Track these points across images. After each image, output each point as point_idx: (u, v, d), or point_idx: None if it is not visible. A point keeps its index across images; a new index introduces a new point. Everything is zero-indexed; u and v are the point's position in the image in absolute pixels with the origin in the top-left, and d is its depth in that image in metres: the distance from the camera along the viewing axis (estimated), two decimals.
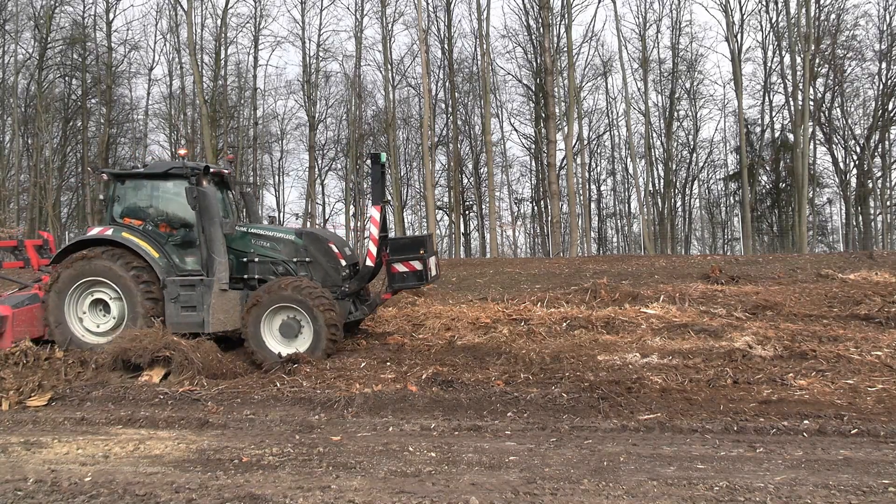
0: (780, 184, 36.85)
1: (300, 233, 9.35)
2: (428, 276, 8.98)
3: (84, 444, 5.58)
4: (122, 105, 39.23)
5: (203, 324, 8.53)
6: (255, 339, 8.36)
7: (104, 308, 8.88)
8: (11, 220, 32.84)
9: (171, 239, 9.05)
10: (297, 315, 8.39)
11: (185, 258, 8.95)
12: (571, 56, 30.01)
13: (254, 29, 36.48)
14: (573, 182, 30.98)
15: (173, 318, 8.56)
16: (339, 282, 9.01)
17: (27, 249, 10.11)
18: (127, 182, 9.30)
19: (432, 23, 34.37)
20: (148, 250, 8.67)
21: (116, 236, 8.73)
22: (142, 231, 8.96)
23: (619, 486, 4.34)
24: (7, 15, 35.16)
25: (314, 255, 9.08)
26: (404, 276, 8.97)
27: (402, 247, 9.14)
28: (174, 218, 9.22)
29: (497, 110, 37.17)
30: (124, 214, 9.21)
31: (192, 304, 8.58)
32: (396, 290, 9.37)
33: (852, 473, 4.47)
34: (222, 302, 8.62)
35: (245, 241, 9.18)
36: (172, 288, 8.60)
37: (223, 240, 8.83)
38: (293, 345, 8.39)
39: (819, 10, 31.26)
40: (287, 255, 9.10)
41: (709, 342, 8.46)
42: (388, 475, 4.66)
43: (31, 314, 8.86)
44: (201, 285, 8.60)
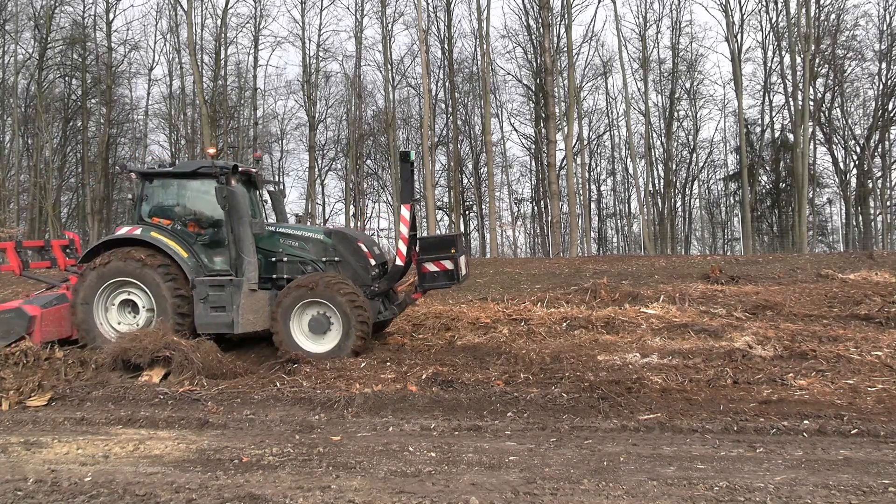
0: (780, 184, 36.88)
1: (329, 232, 9.27)
2: (459, 275, 8.86)
3: (84, 444, 5.58)
4: (122, 105, 39.28)
5: (232, 324, 8.43)
6: (285, 334, 8.30)
7: (132, 309, 8.77)
8: (11, 220, 32.84)
9: (200, 238, 8.96)
10: (326, 311, 8.33)
11: (213, 258, 8.87)
12: (571, 56, 30.03)
13: (254, 29, 36.54)
14: (573, 182, 31.00)
15: (202, 318, 8.49)
16: (368, 281, 8.91)
17: (53, 249, 10.06)
18: (155, 181, 9.23)
19: (432, 23, 34.42)
20: (177, 250, 8.59)
21: (145, 236, 8.65)
22: (170, 230, 8.87)
23: (619, 486, 4.34)
24: (7, 15, 35.18)
25: (343, 254, 9.01)
26: (435, 275, 8.86)
27: (432, 246, 9.04)
28: (203, 217, 9.16)
29: (497, 110, 37.24)
30: (153, 214, 9.13)
31: (222, 305, 8.48)
32: (427, 289, 9.26)
33: (852, 473, 4.47)
34: (252, 302, 8.51)
35: (273, 241, 9.09)
36: (201, 288, 8.51)
37: (252, 239, 8.74)
38: (322, 341, 8.35)
39: (819, 10, 31.32)
40: (316, 255, 9.04)
41: (709, 342, 8.46)
42: (388, 475, 4.66)
43: (59, 314, 8.82)
44: (230, 285, 8.50)
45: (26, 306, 8.74)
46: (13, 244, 9.58)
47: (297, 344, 8.33)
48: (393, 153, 34.54)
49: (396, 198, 35.36)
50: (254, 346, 9.23)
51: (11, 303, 9.36)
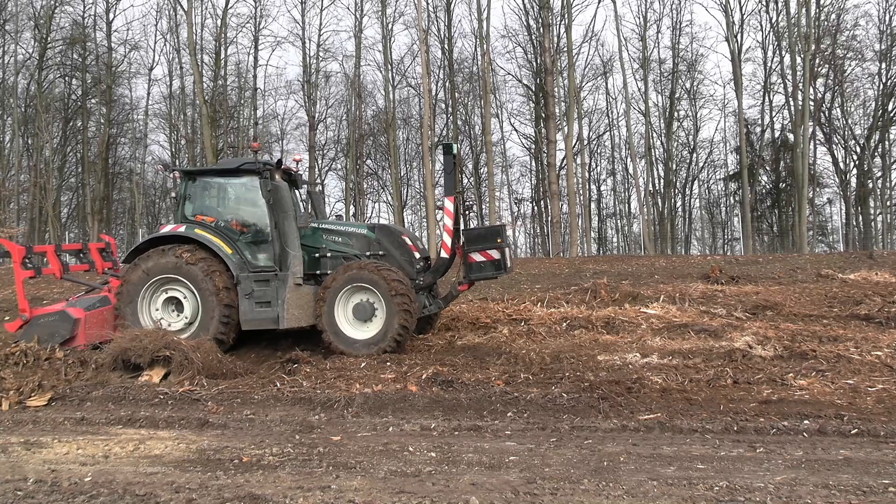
0: (780, 184, 36.88)
1: (373, 226, 9.29)
2: (506, 265, 8.83)
3: (84, 444, 5.57)
4: (122, 105, 39.31)
5: (278, 319, 8.41)
6: (331, 325, 8.31)
7: (177, 306, 8.75)
8: (11, 220, 32.85)
9: (243, 236, 8.97)
10: (371, 297, 8.35)
11: (257, 255, 8.86)
12: (571, 56, 30.03)
13: (254, 29, 36.54)
14: (573, 182, 31.00)
15: (248, 314, 8.47)
16: (413, 275, 8.92)
17: (91, 252, 10.04)
18: (198, 179, 9.24)
19: (432, 23, 34.41)
20: (221, 246, 8.59)
21: (189, 233, 8.67)
22: (214, 228, 8.88)
23: (619, 486, 4.34)
24: (7, 15, 35.20)
25: (387, 248, 9.05)
26: (482, 265, 8.87)
27: (478, 236, 9.03)
28: (246, 214, 9.15)
29: (497, 110, 37.24)
30: (196, 212, 9.14)
31: (267, 300, 8.46)
32: (473, 280, 9.22)
33: (852, 473, 4.47)
34: (297, 297, 8.49)
35: (316, 237, 9.12)
36: (246, 283, 8.49)
37: (297, 234, 8.74)
38: (365, 329, 8.37)
39: (819, 10, 31.30)
40: (360, 249, 9.08)
41: (709, 342, 8.46)
42: (388, 475, 4.66)
43: (102, 317, 8.80)
44: (276, 280, 8.50)
45: (70, 309, 8.71)
46: (53, 248, 9.52)
47: (343, 332, 8.34)
48: (393, 153, 34.55)
49: (396, 197, 35.39)
50: (254, 346, 9.24)
51: (55, 305, 9.33)
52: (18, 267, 8.64)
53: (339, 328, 8.38)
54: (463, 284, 9.22)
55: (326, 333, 8.40)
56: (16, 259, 8.64)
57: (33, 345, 8.38)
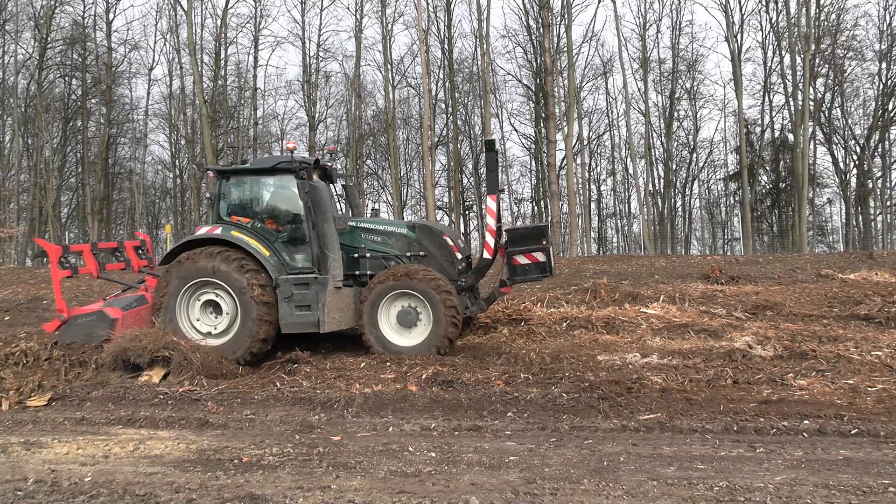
0: (780, 184, 36.87)
1: (413, 226, 9.04)
2: (551, 268, 8.58)
3: (84, 444, 5.57)
4: (122, 105, 39.30)
5: (318, 323, 8.21)
6: (375, 335, 8.16)
7: (214, 309, 8.51)
8: (11, 220, 32.85)
9: (280, 236, 8.75)
10: (414, 303, 8.18)
11: (294, 255, 8.63)
12: (571, 56, 30.05)
13: (254, 29, 36.56)
14: (573, 182, 31.00)
15: (287, 318, 8.26)
16: (454, 276, 8.68)
17: (126, 251, 9.90)
18: (232, 178, 9.01)
19: (432, 23, 34.41)
20: (259, 249, 8.37)
21: (226, 235, 8.43)
22: (250, 229, 8.65)
23: (619, 486, 4.34)
24: (7, 15, 35.20)
25: (428, 248, 8.80)
26: (526, 268, 8.58)
27: (522, 237, 8.73)
28: (282, 214, 8.92)
29: (497, 110, 37.22)
30: (232, 212, 8.90)
31: (307, 304, 8.25)
32: (517, 283, 8.97)
33: (852, 473, 4.47)
34: (337, 300, 8.30)
35: (355, 236, 8.89)
36: (286, 287, 8.26)
37: (336, 236, 8.50)
38: (410, 335, 8.22)
39: (819, 10, 31.30)
40: (399, 250, 8.84)
41: (709, 342, 8.46)
42: (388, 475, 4.66)
43: (139, 316, 8.69)
44: (315, 283, 8.27)
45: (107, 308, 8.60)
46: (89, 247, 9.38)
47: (386, 338, 8.19)
48: (393, 153, 34.55)
49: (396, 197, 35.39)
50: None
51: (92, 305, 9.21)
52: (56, 267, 8.49)
53: (382, 333, 8.21)
54: (506, 286, 8.98)
55: (368, 338, 8.23)
56: (53, 259, 8.49)
57: (33, 345, 8.39)
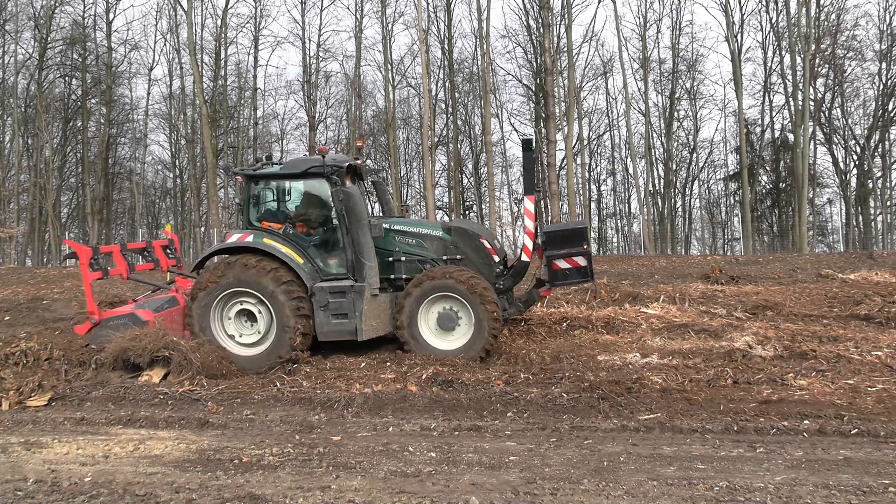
0: (780, 184, 36.86)
1: (448, 228, 8.81)
2: (592, 272, 8.40)
3: (84, 444, 5.58)
4: (122, 105, 39.33)
5: (356, 332, 8.07)
6: (415, 338, 8.03)
7: (248, 317, 8.33)
8: (11, 220, 32.86)
9: (311, 240, 8.58)
10: (454, 306, 8.03)
11: (327, 260, 8.46)
12: (571, 56, 30.04)
13: (254, 29, 36.57)
14: (573, 182, 31.01)
15: (324, 326, 8.13)
16: (492, 279, 8.47)
17: (155, 251, 9.81)
18: (261, 183, 8.80)
19: (432, 23, 34.42)
20: (292, 256, 8.18)
21: (257, 243, 8.22)
22: (282, 235, 8.46)
23: (619, 486, 4.34)
24: (7, 15, 35.22)
25: (465, 251, 8.59)
26: (567, 272, 8.35)
27: (561, 238, 8.45)
28: (313, 217, 8.75)
29: (497, 110, 37.22)
30: (262, 218, 8.70)
31: (343, 312, 8.10)
32: (557, 286, 8.76)
33: (852, 473, 4.47)
34: (374, 307, 8.16)
35: (389, 239, 8.66)
36: (321, 295, 8.10)
37: (372, 243, 8.29)
38: (450, 338, 8.07)
39: (819, 10, 31.29)
40: (435, 253, 8.63)
41: (709, 342, 8.46)
42: (388, 475, 4.66)
43: (171, 318, 8.59)
44: (352, 292, 8.10)
45: (139, 311, 8.48)
46: (119, 247, 9.30)
47: (425, 341, 8.06)
48: (393, 153, 34.55)
49: (396, 197, 35.36)
50: None
51: (123, 308, 9.08)
52: (86, 268, 8.41)
53: (422, 337, 8.07)
54: (546, 290, 8.77)
55: (408, 342, 8.08)
56: (83, 261, 8.40)
57: (33, 345, 8.38)
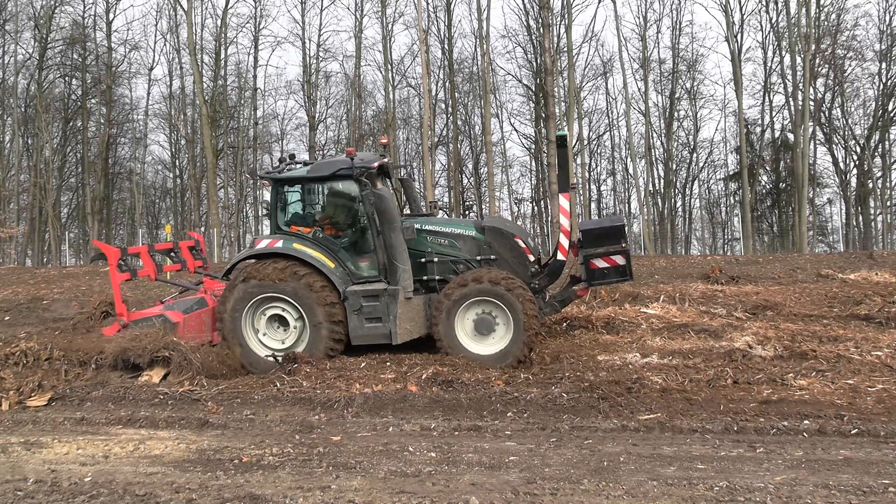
0: (780, 184, 36.86)
1: (482, 227, 8.57)
2: (630, 271, 8.25)
3: (84, 444, 5.58)
4: (122, 105, 39.35)
5: (390, 335, 7.99)
6: (452, 343, 7.85)
7: (280, 322, 8.27)
8: (11, 220, 32.86)
9: (342, 242, 8.49)
10: (492, 310, 7.86)
11: (359, 263, 8.36)
12: (571, 56, 30.07)
13: (254, 29, 36.60)
14: (573, 182, 30.97)
15: (357, 330, 8.05)
16: (527, 279, 8.30)
17: (182, 251, 9.79)
18: (287, 186, 8.68)
19: (432, 23, 34.44)
20: (323, 261, 8.09)
21: (287, 249, 8.13)
22: (312, 239, 8.37)
23: (619, 486, 4.34)
24: (7, 15, 35.25)
25: (499, 251, 8.41)
26: (605, 271, 8.20)
27: (599, 236, 8.29)
28: (342, 219, 8.66)
29: (497, 110, 37.22)
30: (291, 222, 8.58)
31: (377, 316, 8.01)
32: (594, 286, 8.62)
33: (852, 473, 4.47)
34: (408, 310, 8.06)
35: (420, 240, 8.48)
36: (354, 299, 8.01)
37: (405, 246, 8.15)
38: (488, 342, 7.91)
39: (819, 10, 31.31)
40: (469, 253, 8.45)
41: (709, 342, 8.45)
42: (388, 475, 4.66)
43: (199, 319, 8.56)
44: (385, 295, 8.01)
45: (168, 312, 8.47)
46: (146, 248, 9.28)
47: (462, 345, 7.88)
48: (393, 153, 34.52)
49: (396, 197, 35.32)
50: None
51: (152, 309, 9.09)
52: (115, 270, 8.40)
53: (459, 342, 7.90)
54: (583, 289, 8.59)
55: (444, 345, 7.93)
56: (112, 262, 8.40)
57: (33, 345, 8.38)
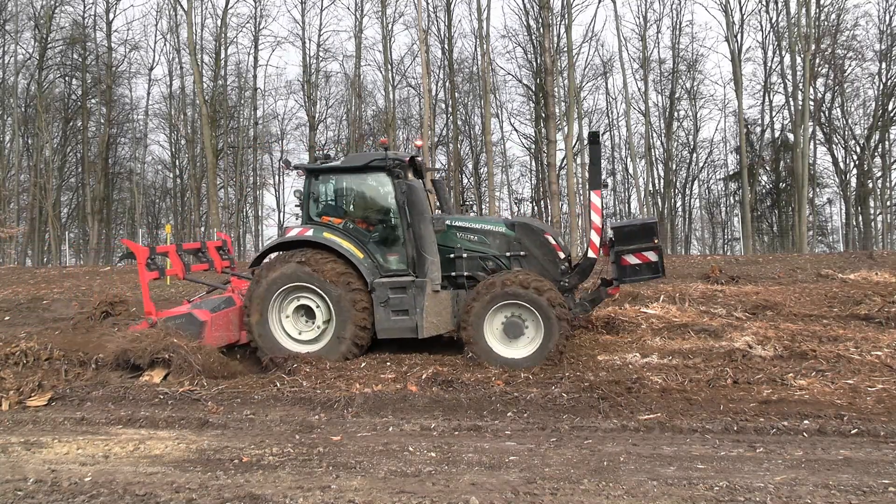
0: (780, 184, 36.87)
1: (512, 224, 8.60)
2: (663, 268, 8.20)
3: (84, 444, 5.58)
4: (122, 105, 39.36)
5: (416, 329, 7.97)
6: (480, 345, 7.73)
7: (306, 313, 8.26)
8: (11, 220, 32.86)
9: (372, 236, 8.49)
10: (520, 312, 7.77)
11: (387, 256, 8.37)
12: (571, 56, 30.06)
13: (254, 29, 36.61)
14: (573, 182, 30.99)
15: (383, 323, 8.04)
16: (557, 277, 8.24)
17: (209, 251, 9.78)
18: (322, 177, 8.72)
19: (432, 23, 34.45)
20: (352, 251, 8.11)
21: (318, 237, 8.17)
22: (342, 230, 8.39)
23: (619, 486, 4.34)
24: (7, 15, 35.26)
25: (529, 247, 8.37)
26: (637, 268, 8.11)
27: (631, 235, 8.24)
28: (373, 213, 8.68)
29: (497, 110, 37.22)
30: (322, 213, 8.64)
31: (404, 308, 8.00)
32: (625, 283, 8.52)
33: (852, 473, 4.47)
34: (435, 304, 8.03)
35: (450, 236, 8.46)
36: (381, 291, 8.00)
37: (434, 237, 8.18)
38: (517, 345, 7.79)
39: (819, 10, 31.31)
40: (498, 250, 8.43)
41: (709, 342, 8.46)
42: (388, 475, 4.66)
43: (227, 318, 8.55)
44: (413, 287, 7.99)
45: (196, 311, 8.43)
46: (174, 248, 9.27)
47: (491, 349, 7.74)
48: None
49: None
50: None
51: (179, 308, 9.06)
52: (144, 268, 8.40)
53: (488, 344, 7.77)
54: (614, 287, 8.54)
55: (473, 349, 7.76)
56: (141, 261, 8.39)
57: (33, 345, 8.38)
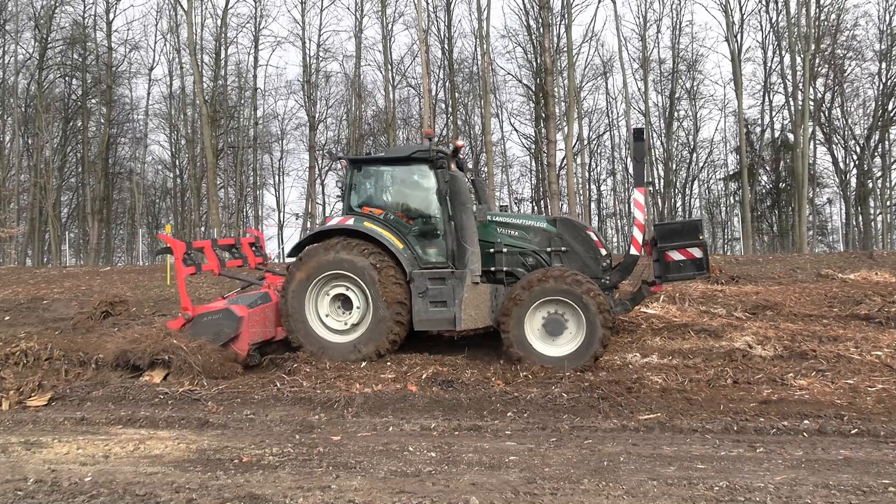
0: (780, 184, 36.87)
1: (554, 220, 8.61)
2: (708, 265, 8.19)
3: (84, 444, 5.58)
4: (122, 105, 39.38)
5: (454, 320, 7.86)
6: (520, 341, 7.60)
7: (343, 304, 8.25)
8: (11, 219, 32.85)
9: (413, 228, 8.46)
10: (560, 309, 7.68)
11: (427, 249, 8.33)
12: (571, 56, 30.04)
13: (254, 29, 36.61)
14: (573, 182, 30.99)
15: (421, 314, 7.98)
16: (598, 273, 8.20)
17: (243, 247, 9.75)
18: (364, 168, 8.74)
19: (432, 23, 34.45)
20: (392, 241, 8.08)
21: (358, 226, 8.16)
22: (383, 220, 8.38)
23: (619, 486, 4.34)
24: (7, 15, 35.25)
25: (570, 244, 8.33)
26: (681, 264, 8.11)
27: (674, 232, 8.33)
28: (417, 206, 8.62)
29: (497, 110, 37.24)
30: (363, 203, 8.62)
31: (443, 299, 7.92)
32: (669, 280, 8.47)
33: (852, 473, 4.47)
34: (474, 296, 7.90)
35: (490, 231, 8.47)
36: (420, 281, 7.96)
37: (475, 228, 8.12)
38: (556, 343, 7.68)
39: (819, 10, 31.29)
40: (539, 245, 8.41)
41: (709, 342, 8.46)
42: (388, 475, 4.66)
43: (263, 315, 8.47)
44: (452, 278, 7.92)
45: (233, 307, 8.36)
46: (210, 243, 9.21)
47: (532, 347, 7.64)
48: None
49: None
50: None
51: (216, 303, 9.00)
52: (181, 264, 8.36)
53: (528, 342, 7.67)
54: (657, 285, 8.43)
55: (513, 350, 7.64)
56: (178, 256, 8.36)
57: (33, 345, 8.39)
